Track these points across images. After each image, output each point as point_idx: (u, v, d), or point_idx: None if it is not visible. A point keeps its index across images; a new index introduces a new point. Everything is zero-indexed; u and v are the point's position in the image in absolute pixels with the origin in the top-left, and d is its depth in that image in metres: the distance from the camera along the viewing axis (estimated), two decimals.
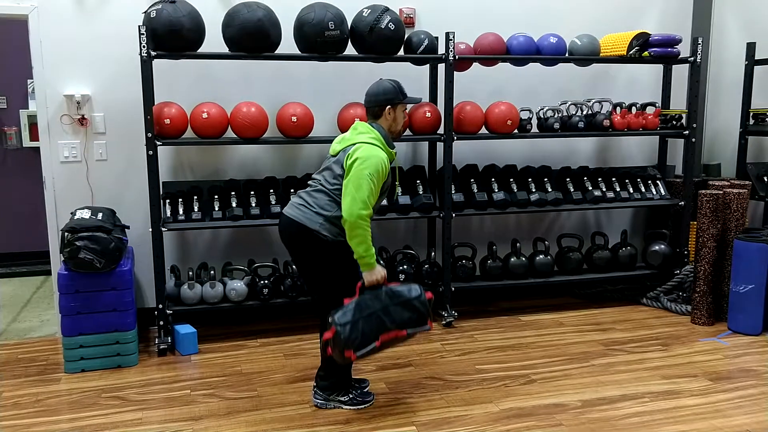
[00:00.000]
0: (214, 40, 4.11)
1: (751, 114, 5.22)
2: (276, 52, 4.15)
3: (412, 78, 4.63)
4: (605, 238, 5.09)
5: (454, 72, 4.44)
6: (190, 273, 4.25)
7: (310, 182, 3.29)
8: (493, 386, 3.61)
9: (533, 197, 4.75)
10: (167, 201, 4.24)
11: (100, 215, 3.93)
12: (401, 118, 3.30)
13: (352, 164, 3.05)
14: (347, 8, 4.20)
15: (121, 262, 3.90)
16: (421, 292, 3.18)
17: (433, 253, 4.76)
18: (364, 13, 4.18)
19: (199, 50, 4.06)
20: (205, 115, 4.09)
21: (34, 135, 6.10)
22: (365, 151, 3.07)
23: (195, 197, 4.27)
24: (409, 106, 4.17)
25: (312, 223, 3.13)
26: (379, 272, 3.13)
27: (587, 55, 4.70)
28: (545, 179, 4.84)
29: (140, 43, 3.84)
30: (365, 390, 3.44)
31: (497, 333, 4.46)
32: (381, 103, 3.23)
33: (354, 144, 3.12)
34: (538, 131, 4.82)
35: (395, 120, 3.27)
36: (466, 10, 4.91)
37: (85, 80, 4.32)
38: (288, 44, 4.19)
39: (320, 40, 4.06)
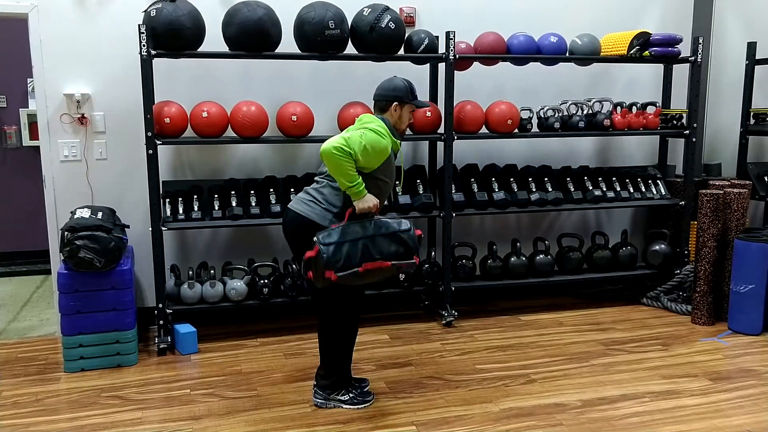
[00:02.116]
0: (214, 39, 4.10)
1: (752, 114, 5.21)
2: (276, 51, 4.15)
3: (413, 77, 4.56)
4: (605, 237, 5.08)
5: (455, 71, 4.44)
6: (190, 272, 4.25)
7: (317, 178, 3.28)
8: (493, 386, 3.60)
9: (533, 197, 4.74)
10: (167, 200, 4.24)
11: (99, 214, 3.93)
12: (407, 118, 3.31)
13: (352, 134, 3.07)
14: (347, 7, 4.19)
15: (121, 261, 3.89)
16: (410, 226, 3.15)
17: (433, 253, 4.76)
18: (364, 12, 4.18)
19: (199, 49, 4.06)
20: (205, 114, 4.09)
21: (33, 134, 6.10)
22: (367, 129, 3.09)
23: (195, 196, 4.27)
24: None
25: (322, 219, 3.13)
26: (371, 199, 3.10)
27: (588, 55, 4.70)
28: (545, 179, 4.84)
29: (140, 42, 3.84)
30: (365, 389, 3.44)
31: (497, 333, 4.46)
32: (389, 98, 3.24)
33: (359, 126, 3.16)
34: (538, 131, 4.81)
35: (400, 118, 3.28)
36: (466, 9, 4.90)
37: (85, 79, 4.32)
38: (288, 43, 4.19)
39: (320, 39, 4.06)
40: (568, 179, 4.91)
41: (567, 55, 4.70)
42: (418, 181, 4.59)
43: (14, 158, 6.36)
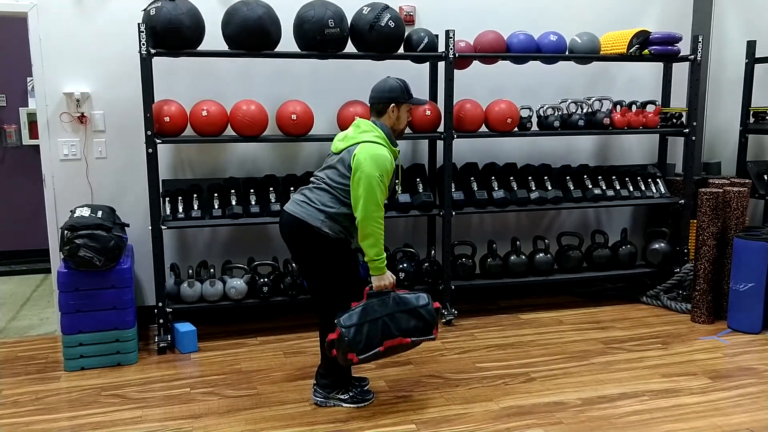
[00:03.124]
0: (213, 38, 4.10)
1: (752, 112, 5.22)
2: (276, 50, 4.15)
3: (412, 76, 4.61)
4: (605, 236, 5.08)
5: (454, 70, 4.44)
6: (190, 271, 4.25)
7: (312, 179, 3.28)
8: (492, 384, 3.61)
9: (533, 195, 4.75)
10: (167, 199, 4.24)
11: (99, 213, 3.93)
12: (405, 117, 3.30)
13: (359, 165, 3.04)
14: (347, 6, 4.19)
15: (121, 260, 3.90)
16: (428, 300, 3.21)
17: (433, 252, 4.76)
18: (364, 11, 4.18)
19: (198, 48, 4.06)
20: (204, 113, 4.09)
21: (33, 133, 6.10)
22: (371, 150, 3.07)
23: (195, 195, 4.27)
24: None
25: (314, 220, 3.13)
26: (388, 278, 3.16)
27: (587, 53, 4.70)
28: (545, 177, 4.84)
29: (140, 41, 3.84)
30: (365, 388, 3.44)
31: (497, 331, 4.46)
32: (386, 100, 3.23)
33: (358, 143, 3.11)
34: (538, 129, 4.81)
35: (398, 119, 3.27)
36: (466, 7, 4.90)
37: (85, 78, 4.32)
38: (288, 42, 4.18)
39: (320, 37, 4.05)
40: (567, 178, 4.92)
41: (567, 53, 4.70)
42: (418, 179, 4.59)
43: (14, 157, 6.36)
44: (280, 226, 3.29)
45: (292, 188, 4.36)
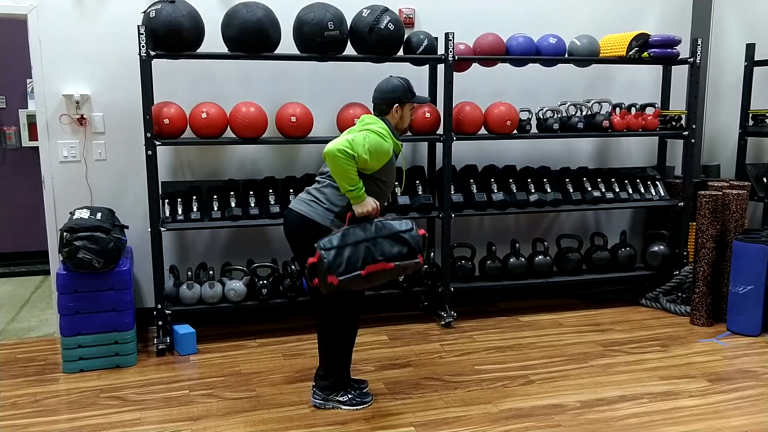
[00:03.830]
0: (213, 40, 4.10)
1: (751, 115, 5.22)
2: (275, 52, 4.15)
3: (412, 78, 4.59)
4: (604, 238, 5.09)
5: (454, 72, 4.44)
6: (189, 273, 4.25)
7: (318, 178, 3.28)
8: (491, 387, 3.61)
9: (532, 198, 4.75)
10: (166, 201, 4.24)
11: (99, 215, 3.93)
12: (408, 116, 3.31)
13: (359, 127, 3.08)
14: (347, 8, 4.20)
15: (120, 262, 3.89)
16: (412, 226, 3.12)
17: (432, 254, 4.76)
18: (363, 14, 4.18)
19: (198, 50, 4.06)
20: (204, 115, 4.09)
21: (33, 135, 6.10)
22: (371, 130, 3.09)
23: (194, 197, 4.27)
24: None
25: (324, 220, 3.12)
26: (370, 203, 3.09)
27: (587, 56, 4.70)
28: (544, 180, 4.85)
29: (139, 43, 3.84)
30: (364, 390, 3.44)
31: (496, 333, 4.46)
32: (389, 100, 3.24)
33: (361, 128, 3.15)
34: (537, 132, 4.82)
35: (402, 118, 3.28)
36: (465, 10, 4.91)
37: (85, 80, 4.32)
38: (287, 44, 4.19)
39: (320, 40, 4.06)
40: (567, 180, 4.92)
41: (566, 56, 4.70)
42: (417, 181, 4.59)
43: (14, 159, 6.36)
44: (286, 224, 3.28)
45: (291, 190, 4.36)
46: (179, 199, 4.23)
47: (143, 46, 3.84)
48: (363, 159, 3.02)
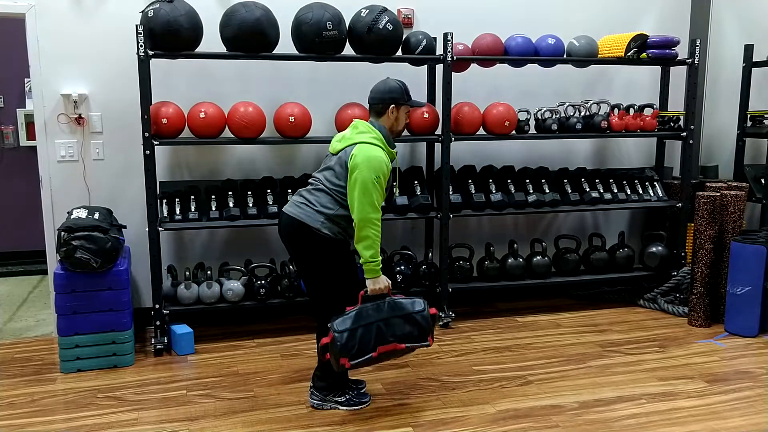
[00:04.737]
0: (211, 40, 4.10)
1: (749, 116, 5.22)
2: (274, 52, 4.14)
3: (410, 79, 4.58)
4: (603, 239, 5.09)
5: (452, 72, 4.44)
6: (187, 273, 4.25)
7: (310, 181, 3.28)
8: (489, 387, 3.61)
9: (531, 198, 4.75)
10: (164, 201, 4.24)
11: (96, 215, 3.92)
12: (403, 119, 3.31)
13: (355, 167, 3.05)
14: (345, 8, 4.19)
15: (118, 261, 3.89)
16: (424, 306, 3.17)
17: (430, 254, 4.75)
18: (362, 14, 4.18)
19: (196, 50, 4.06)
20: (202, 115, 4.08)
21: (31, 134, 6.09)
22: (368, 151, 3.07)
23: (192, 197, 4.26)
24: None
25: (313, 222, 3.13)
26: (383, 281, 3.14)
27: (585, 57, 4.71)
28: (543, 180, 4.85)
29: (138, 43, 3.83)
30: (362, 391, 3.44)
31: (494, 334, 4.46)
32: (386, 101, 3.24)
33: (355, 143, 3.11)
34: (535, 132, 4.82)
35: (397, 120, 3.28)
36: (464, 10, 4.90)
37: (83, 79, 4.31)
38: (286, 44, 4.19)
39: (318, 40, 4.06)
40: (565, 181, 4.92)
41: (564, 56, 4.71)
42: (416, 182, 4.59)
43: (11, 158, 6.35)
44: (279, 227, 3.29)
45: (289, 190, 4.35)
46: (177, 199, 4.23)
47: (141, 46, 3.84)
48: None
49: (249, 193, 4.34)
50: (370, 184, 3.02)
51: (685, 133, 4.95)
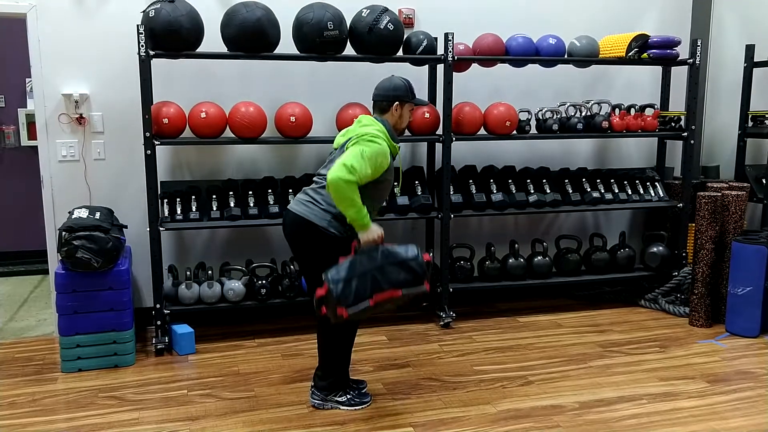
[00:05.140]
0: (212, 40, 4.10)
1: (750, 116, 5.22)
2: (275, 52, 4.15)
3: (411, 78, 4.58)
4: (603, 239, 5.08)
5: (453, 72, 4.44)
6: (188, 273, 4.25)
7: (315, 179, 3.27)
8: (490, 387, 3.60)
9: (532, 198, 4.75)
10: (165, 200, 4.24)
11: (97, 214, 3.93)
12: (407, 116, 3.31)
13: (356, 138, 3.06)
14: (346, 8, 4.19)
15: (119, 261, 3.89)
16: (418, 252, 3.11)
17: (431, 254, 4.75)
18: (363, 14, 4.18)
19: (197, 50, 4.06)
20: (203, 115, 4.09)
21: (32, 134, 6.09)
22: (371, 136, 3.07)
23: (193, 197, 4.26)
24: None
25: (320, 221, 3.12)
26: (375, 231, 3.08)
27: (586, 57, 4.70)
28: (544, 180, 4.84)
29: (139, 43, 3.83)
30: (363, 391, 3.44)
31: (495, 334, 4.46)
32: (390, 98, 3.24)
33: (357, 134, 3.13)
34: (536, 132, 4.82)
35: (401, 117, 3.28)
36: (465, 10, 4.90)
37: (84, 79, 4.31)
38: (287, 44, 4.19)
39: (319, 40, 4.06)
40: (566, 181, 4.92)
41: (565, 56, 4.71)
42: (417, 182, 4.59)
43: (12, 158, 6.35)
44: (284, 225, 3.28)
45: (290, 190, 4.35)
46: (178, 199, 4.23)
47: (142, 46, 3.84)
48: (366, 176, 3.01)
49: (250, 193, 4.34)
50: (355, 153, 2.98)
51: (686, 134, 4.95)
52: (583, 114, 4.87)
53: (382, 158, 3.07)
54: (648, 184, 5.12)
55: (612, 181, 5.02)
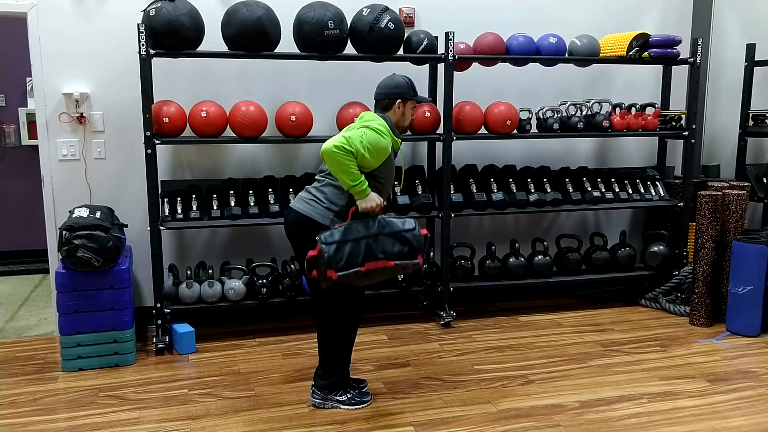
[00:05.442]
0: (213, 39, 4.10)
1: (751, 115, 5.22)
2: (275, 51, 4.14)
3: (412, 78, 4.58)
4: (604, 238, 5.08)
5: (454, 72, 4.44)
6: (189, 272, 4.25)
7: (317, 177, 3.27)
8: (491, 387, 3.60)
9: (532, 198, 4.75)
10: (166, 200, 4.24)
11: (98, 214, 3.93)
12: (409, 114, 3.32)
13: (360, 124, 3.07)
14: (347, 7, 4.19)
15: (119, 260, 3.89)
16: (415, 225, 3.10)
17: (431, 253, 4.75)
18: (363, 13, 4.18)
19: (198, 49, 4.06)
20: (204, 114, 4.09)
21: (32, 133, 6.09)
22: (369, 126, 3.08)
23: (193, 196, 4.26)
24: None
25: (323, 218, 3.12)
26: (374, 199, 3.07)
27: (587, 56, 4.70)
28: (544, 180, 4.84)
29: (139, 42, 3.83)
30: (363, 390, 3.44)
31: (496, 333, 4.46)
32: (392, 96, 3.24)
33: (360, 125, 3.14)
34: (537, 131, 4.81)
35: (404, 115, 3.28)
36: (465, 9, 4.90)
37: (84, 78, 4.31)
38: (287, 43, 4.18)
39: (320, 39, 4.05)
40: (566, 180, 4.92)
41: (566, 55, 4.70)
42: (417, 181, 4.59)
43: (13, 157, 6.35)
44: (286, 223, 3.28)
45: (291, 189, 4.35)
46: (178, 198, 4.23)
47: (143, 45, 3.84)
48: (361, 154, 3.01)
49: (250, 192, 4.34)
50: (354, 136, 3.00)
51: (686, 133, 4.95)
52: (584, 113, 4.87)
53: (382, 147, 3.07)
54: (648, 183, 5.11)
55: (612, 180, 5.01)
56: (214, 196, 4.30)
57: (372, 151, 3.04)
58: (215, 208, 4.25)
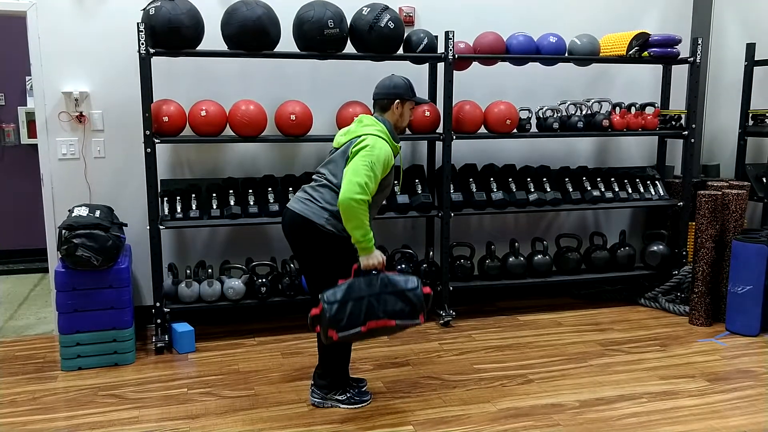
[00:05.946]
0: (213, 38, 4.10)
1: (751, 115, 5.22)
2: (275, 50, 4.14)
3: (412, 77, 4.58)
4: (604, 238, 5.08)
5: (454, 71, 4.44)
6: (188, 271, 4.25)
7: (314, 177, 3.28)
8: (490, 386, 3.60)
9: (532, 197, 4.74)
10: (165, 199, 4.24)
11: (97, 213, 3.92)
12: (408, 115, 3.32)
13: (357, 150, 3.05)
14: (347, 6, 4.19)
15: (119, 259, 3.89)
16: (417, 284, 3.10)
17: (431, 253, 4.75)
18: (363, 12, 4.18)
19: (198, 48, 4.05)
20: (203, 113, 4.08)
21: (32, 132, 6.09)
22: (371, 140, 3.07)
23: (193, 195, 4.26)
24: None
25: (318, 218, 3.12)
26: (377, 257, 3.08)
27: (587, 55, 4.70)
28: (544, 179, 4.84)
29: (139, 41, 3.83)
30: (363, 389, 3.44)
31: (495, 333, 4.46)
32: (391, 96, 3.24)
33: (360, 136, 3.12)
34: (537, 131, 4.81)
35: (402, 116, 3.28)
36: (465, 9, 4.90)
37: (84, 77, 4.31)
38: (287, 42, 4.18)
39: (319, 38, 4.05)
40: (566, 179, 4.91)
41: (566, 55, 4.70)
42: (417, 180, 4.59)
43: (12, 156, 6.35)
44: (283, 224, 3.28)
45: (290, 188, 4.35)
46: (178, 197, 4.22)
47: (143, 44, 3.84)
48: (376, 188, 3.04)
49: (250, 191, 4.34)
50: (362, 166, 2.99)
51: (686, 132, 4.95)
52: (584, 112, 4.86)
53: (388, 163, 3.09)
54: (648, 182, 5.11)
55: (612, 179, 5.01)
56: (214, 195, 4.30)
57: (381, 171, 3.05)
58: (215, 207, 4.25)
